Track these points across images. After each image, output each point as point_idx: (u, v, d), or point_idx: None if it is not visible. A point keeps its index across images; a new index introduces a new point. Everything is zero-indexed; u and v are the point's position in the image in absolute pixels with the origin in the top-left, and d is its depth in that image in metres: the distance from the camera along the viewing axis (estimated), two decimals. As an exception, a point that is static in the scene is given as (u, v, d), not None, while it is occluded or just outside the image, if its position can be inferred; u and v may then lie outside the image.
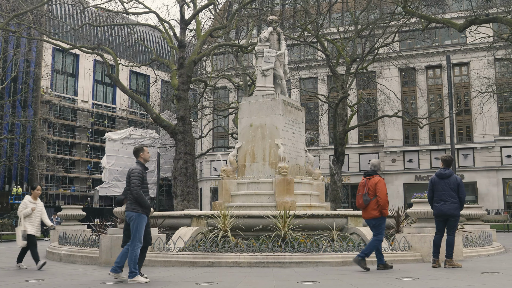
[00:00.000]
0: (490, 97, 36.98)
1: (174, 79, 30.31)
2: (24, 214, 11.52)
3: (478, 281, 8.57)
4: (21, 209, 11.63)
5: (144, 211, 8.78)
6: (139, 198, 8.71)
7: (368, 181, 10.14)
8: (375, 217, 9.99)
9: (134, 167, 8.97)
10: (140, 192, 8.74)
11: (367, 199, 10.02)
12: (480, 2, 30.10)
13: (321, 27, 36.16)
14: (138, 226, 8.71)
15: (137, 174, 8.84)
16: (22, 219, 11.55)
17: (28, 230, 11.53)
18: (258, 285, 8.38)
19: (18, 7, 31.29)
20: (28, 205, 11.67)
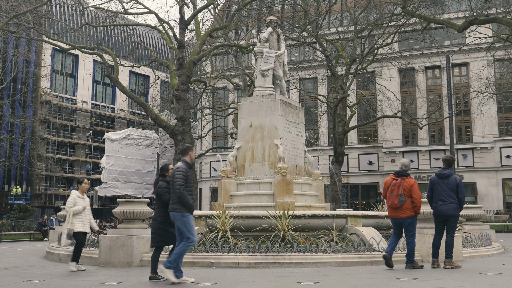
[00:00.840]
0: (490, 97, 37.00)
1: (173, 79, 30.31)
2: (74, 211, 10.87)
3: (478, 281, 8.57)
4: (70, 205, 10.90)
5: (187, 211, 8.63)
6: (182, 197, 8.55)
7: (403, 182, 10.27)
8: (410, 216, 10.19)
9: (179, 166, 8.80)
10: (183, 191, 8.57)
11: (403, 199, 10.17)
12: (479, 3, 30.11)
13: (320, 27, 36.17)
14: (186, 223, 8.56)
15: (181, 173, 8.66)
16: (70, 216, 10.85)
17: (76, 227, 10.85)
18: (258, 285, 8.37)
19: (17, 8, 31.29)
20: (77, 201, 11.00)
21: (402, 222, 10.29)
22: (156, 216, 9.09)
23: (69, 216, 10.83)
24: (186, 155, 9.01)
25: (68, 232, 10.77)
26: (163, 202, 8.97)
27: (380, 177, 49.96)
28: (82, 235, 10.99)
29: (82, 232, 10.94)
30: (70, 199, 10.97)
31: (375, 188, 49.69)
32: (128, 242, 11.30)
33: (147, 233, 11.73)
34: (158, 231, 8.99)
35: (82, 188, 11.27)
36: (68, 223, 10.81)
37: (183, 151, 9.12)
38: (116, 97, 63.40)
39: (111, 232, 11.90)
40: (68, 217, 10.85)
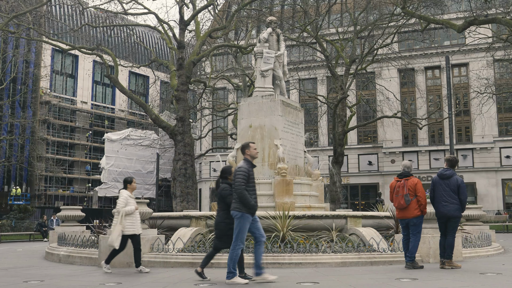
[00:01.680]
0: (489, 97, 37.01)
1: (173, 79, 30.30)
2: (126, 212, 10.33)
3: (477, 282, 8.57)
4: (122, 205, 10.36)
5: (248, 211, 8.55)
6: (242, 198, 8.51)
7: (407, 182, 10.40)
8: (417, 216, 10.31)
9: (240, 165, 8.80)
10: (243, 192, 8.53)
11: (408, 199, 10.28)
12: (479, 3, 30.12)
13: (320, 28, 36.15)
14: (241, 226, 8.50)
15: (242, 173, 8.64)
16: (122, 217, 10.30)
17: (126, 230, 10.34)
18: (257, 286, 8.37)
19: (17, 8, 31.26)
20: (129, 201, 10.47)
21: (408, 222, 10.39)
22: (224, 218, 8.93)
23: (121, 217, 10.31)
24: (244, 154, 9.04)
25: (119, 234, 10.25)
26: (227, 204, 8.90)
27: (380, 177, 49.98)
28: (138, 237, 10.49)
29: (133, 234, 10.43)
30: (121, 199, 10.45)
31: (374, 189, 49.70)
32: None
33: (147, 233, 11.73)
34: (229, 232, 8.84)
35: (132, 188, 10.79)
36: (121, 224, 10.30)
37: (241, 150, 9.15)
38: (116, 98, 63.39)
39: (111, 233, 11.87)
40: (120, 218, 10.31)
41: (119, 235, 10.22)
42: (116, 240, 10.19)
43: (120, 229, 10.24)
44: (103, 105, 63.28)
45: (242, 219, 8.48)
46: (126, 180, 10.95)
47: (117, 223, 10.28)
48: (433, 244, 11.24)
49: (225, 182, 9.10)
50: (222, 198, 8.96)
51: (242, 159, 9.01)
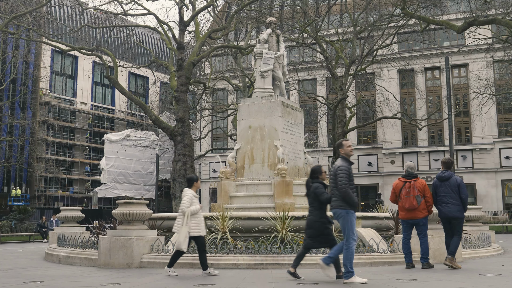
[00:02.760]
0: (489, 98, 37.01)
1: (173, 80, 30.32)
2: (192, 211, 9.80)
3: (477, 282, 8.57)
4: (187, 205, 9.81)
5: (352, 208, 8.63)
6: (347, 196, 8.58)
7: (415, 183, 10.48)
8: (425, 216, 10.44)
9: (340, 164, 8.82)
10: (348, 190, 8.60)
11: (420, 200, 10.37)
12: (478, 4, 30.12)
13: (320, 28, 36.17)
14: (349, 222, 8.55)
15: (344, 171, 8.70)
16: (188, 217, 9.76)
17: (192, 231, 9.81)
18: (257, 286, 8.38)
19: (17, 9, 31.26)
20: (194, 200, 9.94)
21: (417, 223, 10.47)
22: (319, 218, 8.98)
23: (186, 217, 9.76)
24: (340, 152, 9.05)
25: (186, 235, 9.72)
26: (321, 203, 8.99)
27: (380, 178, 49.98)
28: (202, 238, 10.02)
29: (197, 236, 9.92)
30: (186, 199, 9.90)
31: (374, 189, 49.69)
32: (128, 243, 11.29)
33: (146, 234, 11.73)
34: (325, 232, 8.94)
35: (196, 186, 10.25)
36: (187, 225, 9.76)
37: (337, 146, 9.17)
38: (116, 98, 63.35)
39: (111, 234, 11.88)
40: (185, 219, 9.77)
41: (186, 237, 9.72)
42: (184, 242, 9.70)
43: (187, 230, 9.74)
44: (103, 106, 63.24)
45: (348, 216, 8.59)
46: (192, 178, 10.35)
47: (183, 224, 9.76)
48: (433, 245, 11.24)
49: (317, 181, 9.19)
50: (316, 196, 9.03)
51: (339, 158, 9.07)
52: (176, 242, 9.85)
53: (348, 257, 8.43)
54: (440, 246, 11.34)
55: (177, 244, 9.80)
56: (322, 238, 8.92)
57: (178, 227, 9.83)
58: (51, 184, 55.14)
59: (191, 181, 10.26)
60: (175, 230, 9.91)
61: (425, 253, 10.40)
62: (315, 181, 9.20)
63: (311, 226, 9.03)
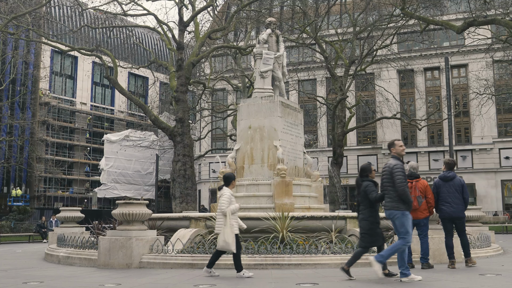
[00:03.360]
0: (489, 98, 37.01)
1: (172, 81, 30.32)
2: (232, 210, 9.56)
3: (477, 282, 8.57)
4: (226, 204, 9.56)
5: (407, 209, 8.71)
6: (405, 195, 8.64)
7: (417, 183, 10.53)
8: (426, 217, 10.53)
9: (395, 163, 8.84)
10: (406, 189, 8.67)
11: (421, 200, 10.42)
12: (478, 4, 30.13)
13: (319, 29, 36.18)
14: (405, 222, 8.65)
15: (400, 170, 8.73)
16: (229, 216, 9.49)
17: (234, 229, 9.58)
18: (257, 287, 8.38)
19: (16, 9, 31.25)
20: (232, 199, 9.71)
21: (418, 223, 10.49)
22: (367, 216, 9.07)
23: (228, 216, 9.48)
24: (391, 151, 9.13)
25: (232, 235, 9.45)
26: (370, 201, 9.05)
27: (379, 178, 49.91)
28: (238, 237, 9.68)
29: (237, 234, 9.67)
30: (225, 198, 9.64)
31: (374, 190, 49.62)
32: (128, 243, 11.28)
33: (146, 234, 11.73)
34: (369, 231, 9.02)
35: (233, 185, 10.10)
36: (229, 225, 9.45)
37: (389, 146, 9.22)
38: (115, 99, 63.33)
39: (110, 234, 11.88)
40: (227, 218, 9.48)
41: (233, 237, 9.41)
42: (233, 243, 9.34)
43: (231, 230, 9.44)
44: (103, 106, 63.23)
45: (403, 217, 8.68)
46: (230, 177, 10.08)
47: (226, 224, 9.46)
48: (433, 245, 11.24)
49: (366, 180, 9.27)
50: (366, 195, 9.12)
51: (391, 157, 9.13)
52: (223, 244, 9.44)
53: (402, 257, 8.62)
54: (440, 246, 11.34)
55: (224, 245, 9.43)
56: (367, 237, 9.04)
57: (220, 227, 9.56)
58: (50, 184, 55.12)
59: (228, 180, 10.02)
60: (217, 230, 9.66)
61: (425, 253, 10.44)
62: (364, 179, 9.32)
63: (359, 224, 9.25)
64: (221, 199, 9.69)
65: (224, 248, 9.51)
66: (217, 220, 9.77)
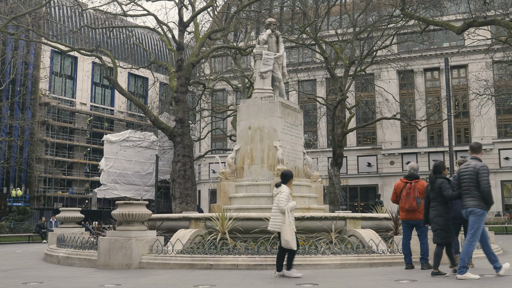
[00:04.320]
0: (488, 99, 37.02)
1: (172, 81, 30.30)
2: (290, 208, 9.49)
3: (476, 283, 8.56)
4: (285, 201, 9.48)
5: (487, 208, 8.96)
6: (489, 195, 8.83)
7: (416, 184, 10.60)
8: None
9: (481, 164, 9.00)
10: (491, 190, 8.90)
11: (420, 201, 10.45)
12: (478, 5, 30.14)
13: (319, 29, 36.18)
14: (480, 223, 8.88)
15: (486, 171, 8.92)
16: (289, 214, 9.41)
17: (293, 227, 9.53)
18: (257, 287, 8.37)
19: (16, 10, 31.24)
20: (289, 197, 9.66)
21: (417, 224, 10.52)
22: (442, 213, 9.43)
23: (287, 214, 9.39)
24: (478, 153, 9.28)
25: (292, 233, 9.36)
26: (444, 198, 9.38)
27: (379, 179, 49.99)
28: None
29: None
30: (284, 195, 9.55)
31: (374, 190, 49.69)
32: (127, 244, 11.28)
33: (146, 235, 11.73)
34: (445, 227, 9.38)
35: (291, 183, 10.12)
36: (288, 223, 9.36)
37: (477, 148, 9.36)
38: (115, 99, 63.34)
39: (110, 234, 11.88)
40: (286, 216, 9.38)
41: (293, 235, 9.37)
42: (293, 241, 9.32)
43: (291, 227, 9.39)
44: (102, 106, 63.23)
45: (482, 216, 8.90)
46: (288, 175, 10.10)
47: (285, 222, 9.37)
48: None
49: (440, 177, 9.58)
50: (441, 192, 9.47)
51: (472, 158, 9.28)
52: (285, 241, 9.34)
53: (468, 253, 8.87)
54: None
55: (285, 243, 9.32)
56: (441, 233, 9.36)
57: (279, 225, 9.47)
58: (50, 184, 55.11)
59: (287, 178, 10.01)
60: (275, 228, 9.58)
61: (424, 254, 10.42)
62: (438, 177, 9.64)
63: (433, 220, 9.53)
64: (280, 196, 9.60)
65: (286, 246, 9.40)
66: (273, 217, 9.66)
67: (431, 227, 9.58)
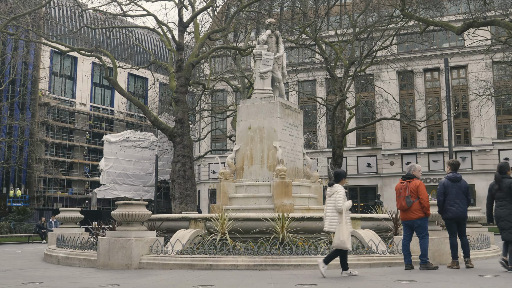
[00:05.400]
0: (488, 99, 37.02)
1: (172, 81, 30.31)
2: (346, 207, 9.50)
3: (476, 284, 8.57)
4: (342, 201, 9.50)
5: None
6: None
7: (409, 184, 10.52)
8: (420, 218, 10.41)
9: None
10: None
11: (410, 201, 10.40)
12: (478, 5, 30.16)
13: (319, 30, 36.19)
14: None
15: None
16: (345, 213, 9.46)
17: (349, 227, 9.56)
18: (256, 287, 8.37)
19: (16, 10, 31.24)
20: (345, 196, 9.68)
21: (411, 224, 10.50)
22: None
23: (344, 214, 9.40)
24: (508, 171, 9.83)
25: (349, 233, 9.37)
26: None
27: (379, 179, 49.97)
28: None
29: None
30: (340, 194, 9.54)
31: (373, 191, 49.67)
32: (127, 244, 11.27)
33: (145, 235, 11.72)
34: None
35: (343, 182, 10.00)
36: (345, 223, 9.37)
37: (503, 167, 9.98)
38: (115, 99, 63.34)
39: (110, 235, 11.87)
40: (343, 215, 9.40)
41: (349, 235, 9.38)
42: (348, 241, 9.31)
43: (348, 227, 9.40)
44: (102, 106, 63.23)
45: None
46: (341, 173, 10.10)
47: (342, 221, 9.36)
48: (432, 246, 11.24)
49: (506, 177, 9.98)
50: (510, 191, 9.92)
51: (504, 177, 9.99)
52: (338, 242, 9.34)
53: None
54: (439, 247, 11.36)
55: (340, 243, 9.32)
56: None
57: (335, 225, 9.47)
58: (50, 185, 55.11)
59: (340, 176, 10.01)
60: (331, 229, 9.57)
61: (422, 255, 10.38)
62: (505, 177, 10.00)
63: (504, 218, 10.08)
64: (337, 196, 9.58)
65: (339, 247, 9.37)
66: (329, 217, 9.64)
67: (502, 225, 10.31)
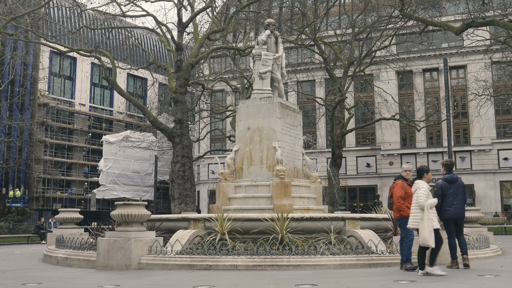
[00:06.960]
0: (487, 99, 37.04)
1: (171, 82, 30.31)
2: (430, 204, 9.40)
3: (476, 284, 8.57)
4: (425, 197, 9.40)
5: None
6: None
7: (393, 184, 10.64)
8: (398, 218, 10.45)
9: None
10: None
11: (390, 202, 10.53)
12: (477, 5, 30.17)
13: (318, 30, 36.21)
14: None
15: None
16: (427, 210, 9.34)
17: (434, 224, 9.44)
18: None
19: (15, 10, 31.23)
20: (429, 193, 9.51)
21: (400, 224, 10.52)
22: None
23: (426, 210, 9.33)
24: None
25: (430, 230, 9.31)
26: None
27: (378, 179, 49.98)
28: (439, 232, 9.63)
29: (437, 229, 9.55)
30: (423, 191, 9.50)
31: (373, 191, 49.70)
32: (126, 245, 11.27)
33: (145, 235, 11.72)
34: None
35: (428, 178, 9.87)
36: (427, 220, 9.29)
37: None
38: (114, 100, 63.29)
39: (109, 235, 11.86)
40: (426, 212, 9.32)
41: (431, 232, 9.31)
42: (430, 238, 9.27)
43: (430, 224, 9.31)
44: (101, 107, 63.20)
45: None
46: (423, 169, 10.04)
47: (424, 218, 9.31)
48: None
49: None
50: None
51: None
52: (421, 239, 9.35)
53: None
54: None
55: (422, 240, 9.32)
56: None
57: (417, 222, 9.43)
58: (49, 185, 55.07)
59: (422, 172, 9.95)
60: (414, 226, 9.55)
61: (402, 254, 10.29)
62: None
63: None
64: (419, 192, 9.55)
65: (422, 244, 9.36)
66: (412, 214, 9.60)
67: None
